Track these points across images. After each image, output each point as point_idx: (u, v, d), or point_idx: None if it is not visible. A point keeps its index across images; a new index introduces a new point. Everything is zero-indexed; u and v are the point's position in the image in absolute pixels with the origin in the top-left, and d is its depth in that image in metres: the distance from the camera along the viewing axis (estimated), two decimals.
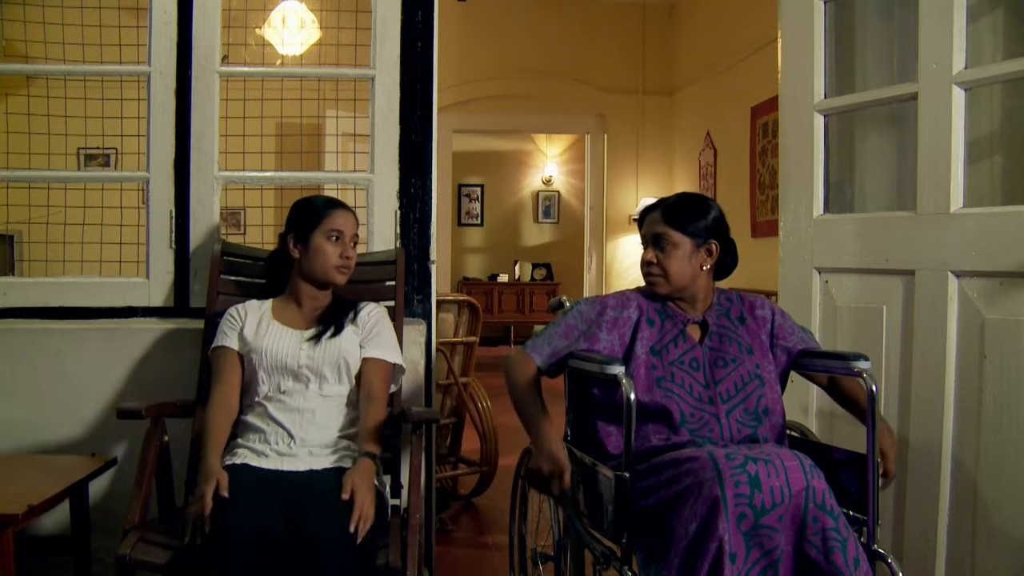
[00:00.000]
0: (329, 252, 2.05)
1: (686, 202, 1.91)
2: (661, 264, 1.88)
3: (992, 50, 2.13)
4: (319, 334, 2.03)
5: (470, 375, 3.50)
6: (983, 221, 1.92)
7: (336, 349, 2.01)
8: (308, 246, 2.05)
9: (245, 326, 2.05)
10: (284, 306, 2.11)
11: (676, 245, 1.87)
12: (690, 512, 1.50)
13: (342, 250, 2.07)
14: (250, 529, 1.61)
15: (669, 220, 1.88)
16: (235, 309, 2.10)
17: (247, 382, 2.03)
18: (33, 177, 2.88)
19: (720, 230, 1.91)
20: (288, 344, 2.01)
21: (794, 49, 2.35)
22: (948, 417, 1.96)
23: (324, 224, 2.06)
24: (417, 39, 2.52)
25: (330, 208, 2.08)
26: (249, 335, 2.03)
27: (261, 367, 1.99)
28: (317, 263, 2.05)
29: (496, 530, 3.19)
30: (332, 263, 2.05)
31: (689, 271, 1.88)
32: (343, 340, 2.03)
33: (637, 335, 1.86)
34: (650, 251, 1.90)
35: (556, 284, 9.50)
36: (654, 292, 1.91)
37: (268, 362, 1.98)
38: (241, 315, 2.07)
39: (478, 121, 7.72)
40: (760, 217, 5.75)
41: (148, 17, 2.47)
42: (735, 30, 6.14)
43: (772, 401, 1.83)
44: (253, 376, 2.01)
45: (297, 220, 2.10)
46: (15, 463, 2.16)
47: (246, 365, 2.02)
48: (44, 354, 2.37)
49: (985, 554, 1.88)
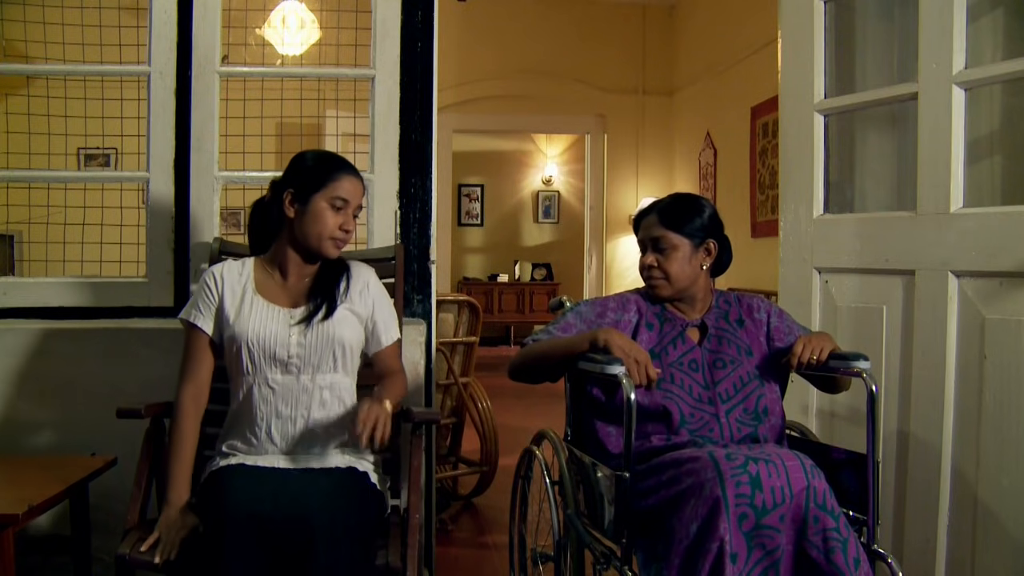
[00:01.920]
0: (329, 220, 1.81)
1: (681, 203, 1.91)
2: (662, 267, 1.88)
3: (992, 50, 2.13)
4: (309, 315, 1.83)
5: (470, 375, 3.50)
6: (983, 221, 1.92)
7: (330, 334, 1.83)
8: (306, 207, 1.82)
9: (224, 301, 1.84)
10: (267, 275, 1.89)
11: (675, 247, 1.87)
12: (691, 512, 1.50)
13: (343, 220, 1.83)
14: (249, 530, 1.57)
15: (666, 222, 1.88)
16: (211, 276, 1.86)
17: (228, 364, 1.86)
18: (33, 177, 2.88)
19: (716, 228, 1.91)
20: (275, 328, 1.81)
21: (794, 49, 2.35)
22: (948, 417, 1.96)
23: (331, 187, 1.82)
24: (417, 39, 2.52)
25: (340, 171, 1.84)
26: (230, 314, 1.82)
27: (244, 354, 1.81)
28: (312, 229, 1.82)
29: (496, 530, 3.18)
30: (329, 232, 1.82)
31: (690, 272, 1.88)
32: (336, 322, 1.84)
33: (636, 338, 1.87)
34: (650, 255, 1.90)
35: (556, 284, 9.51)
36: (656, 295, 1.91)
37: (254, 351, 1.80)
38: (218, 286, 1.85)
39: (478, 121, 7.72)
40: (760, 217, 5.75)
41: (148, 17, 2.47)
42: (735, 30, 6.14)
43: (771, 401, 1.83)
44: (235, 361, 1.83)
45: (299, 175, 1.84)
46: (15, 463, 2.16)
47: (226, 348, 1.84)
48: (44, 354, 2.37)
49: (985, 554, 1.88)
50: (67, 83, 3.16)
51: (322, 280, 1.89)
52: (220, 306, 1.84)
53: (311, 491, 1.67)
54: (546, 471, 1.96)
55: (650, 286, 1.91)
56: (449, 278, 8.35)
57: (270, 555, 1.57)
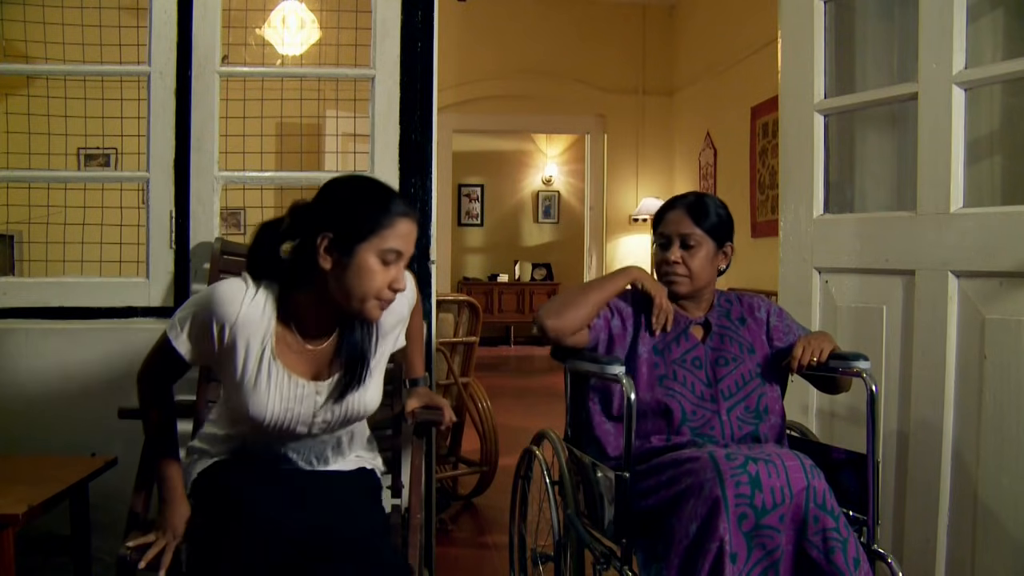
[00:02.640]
0: (378, 278, 1.45)
1: (708, 202, 1.89)
2: (687, 263, 1.86)
3: (992, 50, 2.13)
4: (339, 391, 1.54)
5: (470, 375, 3.50)
6: (983, 221, 1.92)
7: (361, 402, 1.57)
8: (349, 260, 1.44)
9: (236, 363, 1.50)
10: (284, 331, 1.53)
11: (701, 245, 1.86)
12: (691, 512, 1.50)
13: (394, 277, 1.46)
14: (266, 534, 1.44)
15: (696, 219, 1.86)
16: (220, 327, 1.48)
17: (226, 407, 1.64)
18: (33, 177, 2.88)
19: (732, 232, 1.92)
20: (299, 411, 1.54)
21: (794, 49, 2.35)
22: (948, 417, 1.96)
23: (382, 236, 1.44)
24: (417, 39, 2.52)
25: (394, 214, 1.46)
26: (240, 381, 1.50)
27: (253, 425, 1.55)
28: (356, 287, 1.44)
29: (496, 530, 3.18)
30: (375, 292, 1.45)
31: (710, 271, 1.88)
32: (368, 387, 1.57)
33: (641, 334, 1.86)
34: (676, 250, 1.86)
35: (556, 284, 9.51)
36: (673, 291, 1.89)
37: (269, 428, 1.54)
38: (224, 340, 1.48)
39: (478, 121, 7.72)
40: (760, 217, 5.75)
41: (148, 17, 2.46)
42: (735, 30, 6.14)
43: (772, 400, 1.83)
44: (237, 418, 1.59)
45: (341, 217, 1.45)
46: (15, 463, 2.15)
47: (230, 408, 1.59)
48: (44, 354, 2.37)
49: (985, 554, 1.88)
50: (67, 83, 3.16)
51: (352, 339, 1.56)
52: (221, 362, 1.53)
53: (329, 496, 1.57)
54: (546, 471, 1.96)
55: (668, 282, 1.89)
56: (449, 278, 8.35)
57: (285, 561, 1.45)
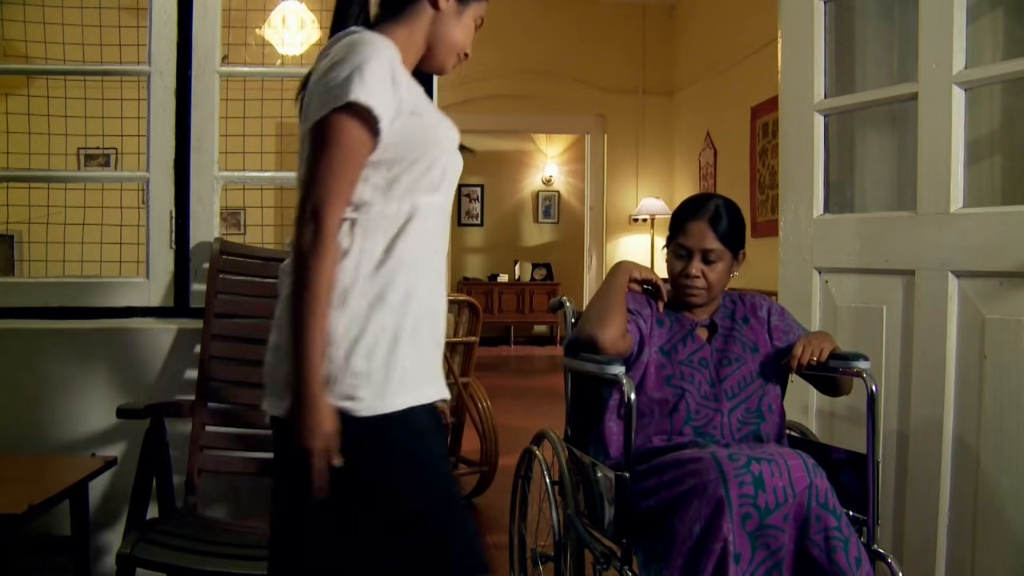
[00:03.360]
0: (470, 36, 1.47)
1: (729, 213, 1.86)
2: (706, 277, 1.84)
3: (992, 50, 2.13)
4: None
5: (470, 375, 3.50)
6: (983, 221, 1.91)
7: None
8: (464, 11, 1.43)
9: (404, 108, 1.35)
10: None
11: (722, 259, 1.85)
12: (694, 513, 1.50)
13: (469, 45, 1.46)
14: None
15: (719, 232, 1.83)
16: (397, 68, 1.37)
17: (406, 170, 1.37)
18: (33, 177, 2.88)
19: (745, 237, 1.91)
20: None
21: (794, 49, 2.35)
22: (948, 417, 1.96)
23: (483, 5, 1.47)
24: None
25: None
26: (424, 117, 1.41)
27: (438, 164, 1.42)
28: (456, 37, 1.44)
29: (496, 530, 3.18)
30: (460, 48, 1.46)
31: (725, 281, 1.89)
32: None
33: (651, 334, 1.87)
34: (698, 264, 1.84)
35: (556, 284, 9.51)
36: (689, 303, 1.89)
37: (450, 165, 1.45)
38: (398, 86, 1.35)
39: (478, 121, 7.71)
40: (760, 217, 5.75)
41: (148, 17, 2.47)
42: (735, 30, 6.13)
43: (773, 399, 1.84)
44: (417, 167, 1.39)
45: None
46: (15, 463, 2.16)
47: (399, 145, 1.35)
48: (44, 354, 2.37)
49: (985, 554, 1.88)
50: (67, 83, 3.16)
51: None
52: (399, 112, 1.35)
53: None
54: (546, 471, 1.96)
55: (687, 294, 1.87)
56: (449, 278, 8.35)
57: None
